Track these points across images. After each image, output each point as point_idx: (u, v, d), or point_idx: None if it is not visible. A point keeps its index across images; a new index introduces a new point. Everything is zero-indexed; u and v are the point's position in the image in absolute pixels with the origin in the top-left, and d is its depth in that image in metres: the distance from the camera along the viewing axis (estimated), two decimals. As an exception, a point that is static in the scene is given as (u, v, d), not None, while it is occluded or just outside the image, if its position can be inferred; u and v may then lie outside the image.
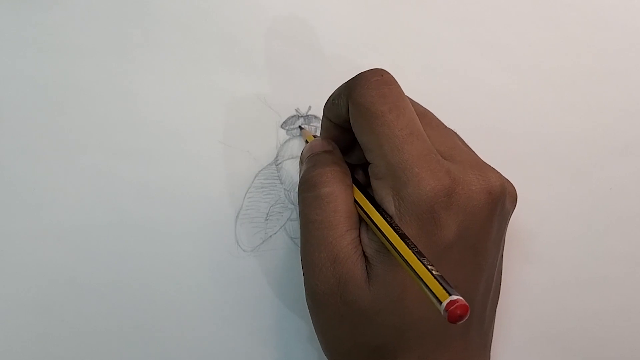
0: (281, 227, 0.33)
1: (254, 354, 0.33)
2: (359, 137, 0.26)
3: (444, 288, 0.21)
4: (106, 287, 0.32)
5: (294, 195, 0.33)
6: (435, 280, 0.21)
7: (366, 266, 0.26)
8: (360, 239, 0.27)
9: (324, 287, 0.26)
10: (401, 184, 0.25)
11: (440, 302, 0.20)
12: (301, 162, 0.30)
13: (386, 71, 0.27)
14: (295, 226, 0.33)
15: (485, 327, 0.29)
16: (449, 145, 0.28)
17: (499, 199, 0.27)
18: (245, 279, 0.33)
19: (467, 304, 0.20)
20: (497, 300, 0.31)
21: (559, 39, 0.35)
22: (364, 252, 0.26)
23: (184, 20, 0.34)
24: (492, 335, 0.31)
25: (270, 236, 0.33)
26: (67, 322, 0.32)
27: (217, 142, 0.33)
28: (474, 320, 0.28)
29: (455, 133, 0.30)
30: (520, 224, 0.34)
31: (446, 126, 0.30)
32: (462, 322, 0.20)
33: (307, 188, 0.28)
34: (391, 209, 0.25)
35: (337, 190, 0.27)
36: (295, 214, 0.33)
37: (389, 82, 0.26)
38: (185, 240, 0.33)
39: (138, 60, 0.33)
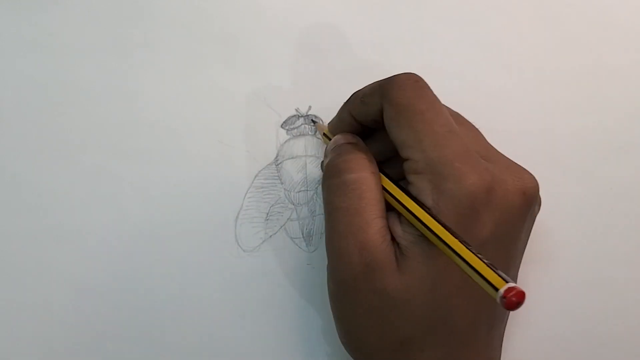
0: (281, 227, 0.33)
1: (253, 354, 0.33)
2: (396, 135, 0.26)
3: (500, 276, 0.21)
4: (106, 288, 0.32)
5: (294, 195, 0.33)
6: (488, 268, 0.21)
7: (396, 256, 0.26)
8: (389, 229, 0.27)
9: (351, 274, 0.26)
10: (441, 178, 0.25)
11: (496, 290, 0.20)
12: (326, 156, 0.30)
13: (420, 76, 0.27)
14: (295, 226, 0.33)
15: (503, 327, 0.30)
16: (483, 146, 0.28)
17: (533, 200, 0.27)
18: (245, 279, 0.33)
19: (523, 291, 0.20)
20: None
21: (559, 39, 0.35)
22: (396, 243, 0.26)
23: (184, 20, 0.34)
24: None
25: (270, 236, 0.33)
26: (68, 323, 0.32)
27: (217, 142, 0.33)
28: (498, 319, 0.28)
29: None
30: (521, 224, 0.34)
31: (478, 129, 0.30)
32: (517, 309, 0.20)
33: (332, 174, 0.27)
34: (428, 202, 0.25)
35: (363, 177, 0.27)
36: (295, 214, 0.33)
37: (424, 86, 0.27)
38: (185, 241, 0.33)
39: (138, 60, 0.33)
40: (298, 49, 0.34)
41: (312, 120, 0.33)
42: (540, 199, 0.29)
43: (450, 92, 0.35)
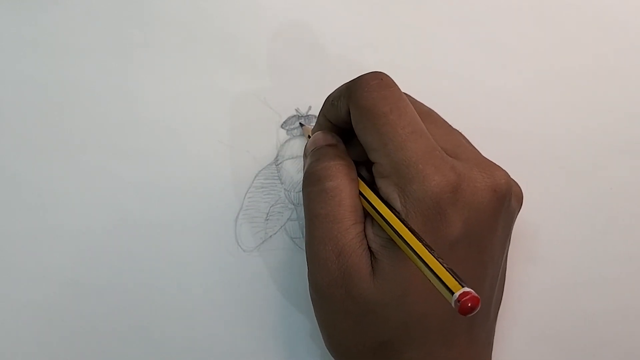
0: (281, 227, 0.33)
1: (254, 354, 0.33)
2: (362, 138, 0.27)
3: (456, 280, 0.21)
4: (106, 288, 0.32)
5: (294, 195, 0.33)
6: (446, 271, 0.21)
7: (371, 260, 0.26)
8: (365, 234, 0.27)
9: (328, 280, 0.26)
10: (406, 180, 0.25)
11: (452, 294, 0.20)
12: (305, 157, 0.30)
13: (385, 74, 0.27)
14: (295, 226, 0.33)
15: (489, 325, 0.30)
16: (453, 143, 0.28)
17: (505, 197, 0.27)
18: (245, 279, 0.33)
19: (478, 296, 0.20)
20: (501, 300, 0.31)
21: (559, 39, 0.35)
22: (369, 247, 0.26)
23: (184, 20, 0.34)
24: (494, 334, 0.31)
25: (270, 236, 0.33)
26: (67, 322, 0.32)
27: (217, 142, 0.33)
28: (479, 317, 0.28)
29: (460, 133, 0.30)
30: (521, 224, 0.34)
31: (450, 125, 0.30)
32: (472, 314, 0.20)
33: (312, 182, 0.28)
34: (397, 205, 0.25)
35: (342, 184, 0.27)
36: (295, 214, 0.33)
37: (389, 85, 0.27)
38: (185, 241, 0.33)
39: (138, 60, 0.33)
40: (298, 49, 0.34)
41: (299, 123, 0.33)
42: (521, 195, 0.29)
43: (450, 92, 0.35)
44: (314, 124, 0.33)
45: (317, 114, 0.34)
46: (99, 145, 0.33)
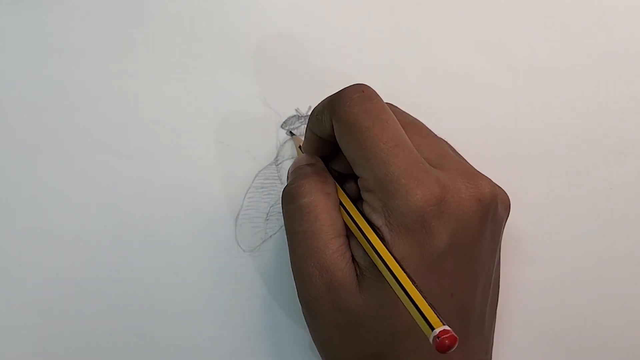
0: (281, 227, 0.33)
1: (254, 353, 0.33)
2: (346, 153, 0.27)
3: (438, 317, 0.21)
4: (106, 287, 0.32)
5: (294, 195, 0.33)
6: (428, 306, 0.22)
7: (357, 273, 0.26)
8: (350, 247, 0.27)
9: (314, 294, 0.27)
10: (389, 195, 0.25)
11: (432, 329, 0.21)
12: (288, 178, 0.30)
13: (367, 86, 0.27)
14: (295, 226, 0.33)
15: (485, 335, 0.29)
16: (438, 154, 0.28)
17: (490, 206, 0.27)
18: (245, 279, 0.33)
19: (456, 336, 0.20)
20: (496, 308, 0.31)
21: (559, 39, 0.35)
22: (355, 260, 0.27)
23: (184, 20, 0.34)
24: (492, 342, 0.31)
25: (270, 236, 0.33)
26: (67, 322, 0.32)
27: (216, 142, 0.33)
28: (473, 329, 0.28)
29: (446, 141, 0.30)
30: (520, 224, 0.34)
31: (435, 135, 0.30)
32: (449, 352, 0.20)
33: (288, 201, 0.28)
34: (381, 220, 0.26)
35: (316, 200, 0.27)
36: (295, 214, 0.33)
37: (371, 97, 0.26)
38: (185, 241, 0.33)
39: (138, 60, 0.33)
40: (298, 49, 0.34)
41: (290, 132, 0.33)
42: (508, 202, 0.29)
43: (450, 92, 0.35)
44: (297, 136, 0.33)
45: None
46: (99, 145, 0.33)
